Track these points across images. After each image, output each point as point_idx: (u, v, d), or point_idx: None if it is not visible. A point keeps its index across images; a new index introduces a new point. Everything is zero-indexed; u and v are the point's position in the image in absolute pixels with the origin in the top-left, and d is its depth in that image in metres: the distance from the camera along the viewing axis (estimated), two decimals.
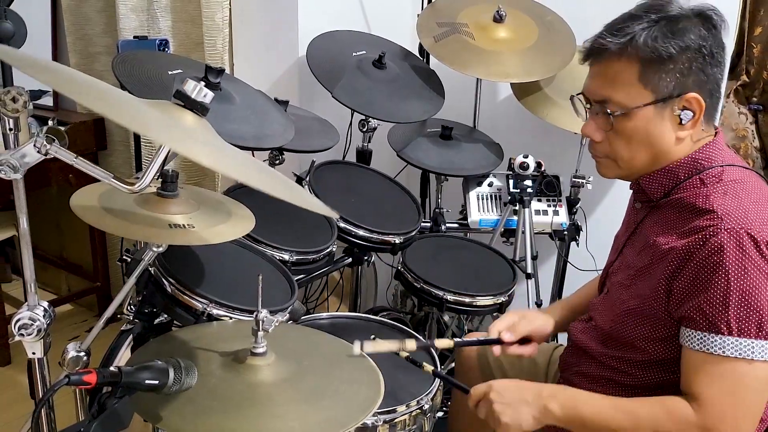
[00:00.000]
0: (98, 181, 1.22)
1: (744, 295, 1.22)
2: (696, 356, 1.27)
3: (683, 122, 1.33)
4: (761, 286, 1.22)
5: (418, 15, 2.53)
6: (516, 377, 1.76)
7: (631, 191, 1.52)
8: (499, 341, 1.61)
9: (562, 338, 2.02)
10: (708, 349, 1.25)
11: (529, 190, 2.40)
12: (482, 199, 2.50)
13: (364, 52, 2.43)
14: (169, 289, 1.53)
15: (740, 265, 1.22)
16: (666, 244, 1.32)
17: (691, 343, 1.27)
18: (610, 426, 1.33)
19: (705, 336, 1.25)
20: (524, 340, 1.64)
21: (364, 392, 1.27)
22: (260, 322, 1.24)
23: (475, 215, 2.47)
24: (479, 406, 1.44)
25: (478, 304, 2.04)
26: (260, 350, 1.25)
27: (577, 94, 1.45)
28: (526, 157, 2.40)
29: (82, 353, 1.40)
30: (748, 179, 1.35)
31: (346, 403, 1.23)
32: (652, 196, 1.43)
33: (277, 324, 1.25)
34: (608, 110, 1.35)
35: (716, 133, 1.40)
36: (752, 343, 1.23)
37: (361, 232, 2.04)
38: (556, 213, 2.46)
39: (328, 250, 1.95)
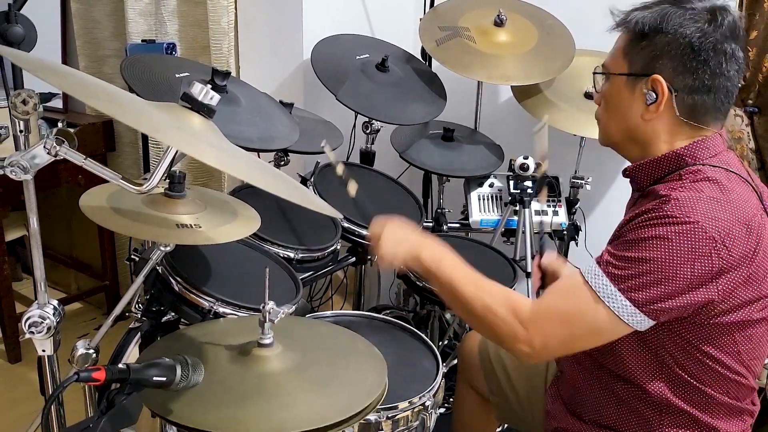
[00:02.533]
0: (107, 181, 1.22)
1: (643, 251, 1.23)
2: (573, 272, 1.32)
3: (648, 103, 1.35)
4: (665, 251, 1.21)
5: (420, 19, 2.53)
6: (516, 373, 1.77)
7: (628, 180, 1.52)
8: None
9: None
10: (581, 269, 1.29)
11: (529, 190, 2.40)
12: (483, 199, 2.50)
13: (367, 55, 2.43)
14: (176, 288, 1.53)
15: (659, 228, 1.22)
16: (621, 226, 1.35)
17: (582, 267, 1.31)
18: (455, 287, 1.37)
19: (591, 263, 1.28)
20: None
21: (369, 379, 1.26)
22: (267, 313, 1.24)
23: (476, 215, 2.47)
24: (374, 228, 1.51)
25: None
26: (267, 341, 1.25)
27: None
28: (526, 158, 2.40)
29: (91, 350, 1.40)
30: (722, 179, 1.32)
31: (352, 390, 1.23)
32: (640, 185, 1.44)
33: (283, 315, 1.24)
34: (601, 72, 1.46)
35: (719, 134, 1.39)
36: (614, 291, 1.24)
37: (364, 232, 2.03)
38: (555, 213, 2.46)
39: (332, 249, 1.95)
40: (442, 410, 1.71)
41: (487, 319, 1.33)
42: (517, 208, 2.40)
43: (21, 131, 1.24)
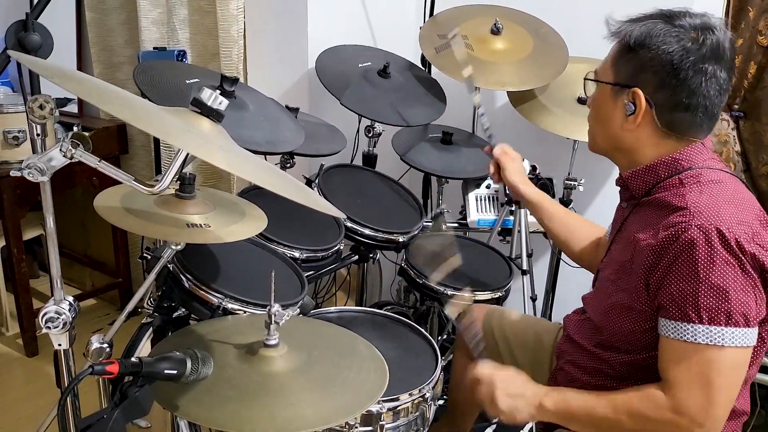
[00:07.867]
0: (120, 183, 1.22)
1: (712, 287, 1.22)
2: (670, 343, 1.27)
3: (627, 113, 1.36)
4: (729, 278, 1.21)
5: (420, 28, 2.53)
6: (520, 351, 1.77)
7: (618, 188, 1.51)
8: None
9: None
10: (681, 337, 1.25)
11: None
12: (480, 200, 2.49)
13: (369, 63, 2.42)
14: (186, 285, 1.53)
15: (709, 259, 1.21)
16: (644, 240, 1.32)
17: (666, 332, 1.28)
18: (594, 413, 1.34)
19: (678, 324, 1.25)
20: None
21: (371, 380, 1.26)
22: (273, 315, 1.24)
23: (473, 215, 2.46)
24: (480, 385, 1.44)
25: (477, 298, 2.03)
26: (273, 342, 1.25)
27: None
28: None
29: (105, 345, 1.40)
30: (726, 180, 1.33)
31: (355, 390, 1.23)
32: (635, 193, 1.43)
33: (288, 318, 1.24)
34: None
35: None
36: (722, 330, 1.22)
37: (367, 231, 2.03)
38: None
39: (336, 248, 1.94)
40: (440, 402, 1.70)
41: (643, 427, 1.30)
42: (513, 208, 2.40)
43: (38, 135, 1.23)
